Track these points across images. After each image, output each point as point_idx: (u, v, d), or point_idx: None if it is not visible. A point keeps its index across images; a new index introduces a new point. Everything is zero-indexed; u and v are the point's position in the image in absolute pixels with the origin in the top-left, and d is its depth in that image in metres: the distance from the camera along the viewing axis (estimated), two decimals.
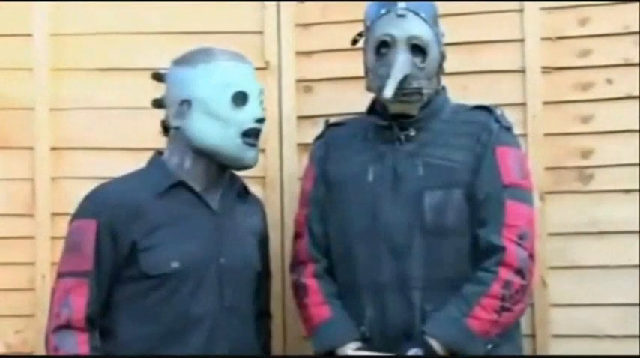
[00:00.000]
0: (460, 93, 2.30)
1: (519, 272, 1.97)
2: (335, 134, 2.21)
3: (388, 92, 2.00)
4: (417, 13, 2.06)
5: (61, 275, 1.99)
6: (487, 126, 2.07)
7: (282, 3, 2.54)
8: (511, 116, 2.21)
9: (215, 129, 1.99)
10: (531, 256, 2.01)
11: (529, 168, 2.13)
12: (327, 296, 2.08)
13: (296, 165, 2.49)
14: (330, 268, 2.13)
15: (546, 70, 2.44)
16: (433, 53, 2.07)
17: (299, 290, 2.14)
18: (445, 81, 2.20)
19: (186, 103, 2.02)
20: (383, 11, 2.07)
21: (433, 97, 2.11)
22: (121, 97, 2.55)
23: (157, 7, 2.57)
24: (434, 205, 2.01)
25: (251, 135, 2.01)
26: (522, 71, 2.44)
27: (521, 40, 2.45)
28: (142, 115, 2.44)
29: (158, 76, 2.10)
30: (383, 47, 2.05)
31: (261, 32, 2.55)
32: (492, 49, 2.47)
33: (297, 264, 2.18)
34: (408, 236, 2.02)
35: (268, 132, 2.49)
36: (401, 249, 2.02)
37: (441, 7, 2.20)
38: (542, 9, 2.44)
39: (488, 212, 2.01)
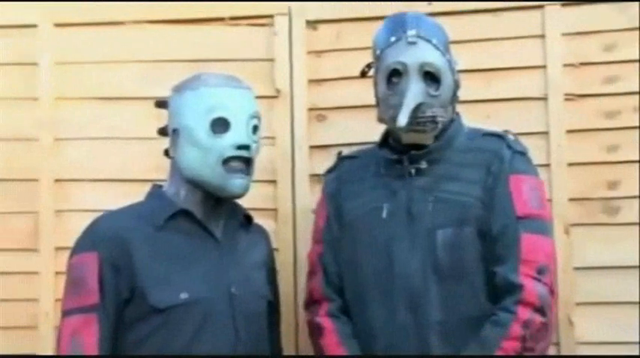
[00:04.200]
0: (482, 121, 2.25)
1: (540, 309, 1.91)
2: (347, 168, 2.16)
3: (402, 120, 1.94)
4: (428, 40, 2.01)
5: (66, 313, 1.92)
6: (498, 154, 2.01)
7: (294, 29, 2.50)
8: (534, 145, 2.18)
9: (197, 159, 1.95)
10: (552, 291, 1.95)
11: (546, 197, 2.07)
12: (343, 337, 2.03)
13: (309, 197, 2.43)
14: (345, 306, 2.07)
15: (570, 97, 2.38)
16: (447, 81, 2.02)
17: (314, 331, 2.08)
18: (465, 109, 2.15)
19: (176, 133, 2.00)
20: (393, 39, 2.02)
21: (447, 126, 2.05)
22: (128, 127, 2.51)
23: (165, 34, 2.53)
24: (446, 244, 1.96)
25: (235, 163, 1.95)
26: (545, 98, 2.39)
27: (544, 67, 2.39)
28: (150, 145, 2.38)
29: (161, 104, 2.07)
30: (394, 76, 2.00)
31: (272, 59, 2.50)
32: (513, 75, 2.41)
33: (311, 302, 2.12)
34: (422, 278, 1.96)
35: (279, 162, 2.46)
36: (416, 292, 1.96)
37: (461, 33, 2.17)
38: (565, 34, 2.39)
39: (504, 247, 1.95)
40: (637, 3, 2.35)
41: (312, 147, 2.48)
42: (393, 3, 2.33)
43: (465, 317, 1.94)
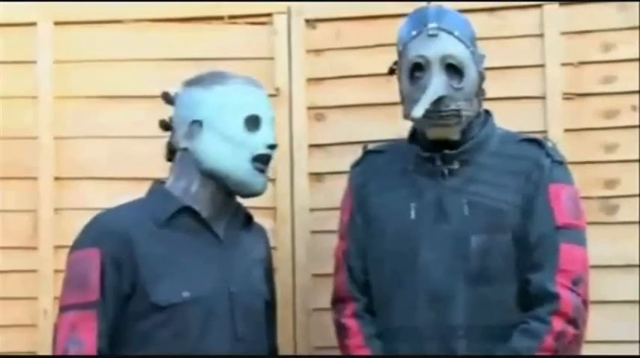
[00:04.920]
0: None
1: (573, 321, 1.90)
2: (374, 162, 2.11)
3: (417, 111, 1.90)
4: (450, 32, 1.97)
5: (63, 309, 1.90)
6: (538, 163, 1.98)
7: (293, 28, 2.50)
8: None
9: (226, 152, 1.95)
10: (585, 302, 1.94)
11: (582, 206, 2.03)
12: (367, 339, 2.01)
13: (307, 196, 2.44)
14: (370, 304, 2.04)
15: (568, 96, 2.38)
16: (471, 73, 1.97)
17: (340, 331, 2.06)
18: None
19: (197, 124, 1.98)
20: (414, 33, 1.98)
21: (477, 126, 2.01)
22: (127, 125, 2.51)
23: (165, 33, 2.54)
24: (480, 250, 1.93)
25: (261, 161, 1.97)
26: (543, 97, 2.39)
27: (542, 66, 2.40)
28: (150, 144, 2.37)
29: (167, 97, 2.06)
30: (417, 71, 1.96)
31: (271, 58, 2.51)
32: (512, 74, 2.41)
33: (337, 301, 2.09)
34: (450, 282, 1.93)
35: (279, 161, 2.45)
36: (442, 295, 1.93)
37: None
38: (563, 33, 2.40)
39: (542, 256, 1.93)
40: (636, 2, 2.36)
41: (311, 146, 2.48)
42: (393, 3, 2.34)
43: (491, 325, 1.92)
